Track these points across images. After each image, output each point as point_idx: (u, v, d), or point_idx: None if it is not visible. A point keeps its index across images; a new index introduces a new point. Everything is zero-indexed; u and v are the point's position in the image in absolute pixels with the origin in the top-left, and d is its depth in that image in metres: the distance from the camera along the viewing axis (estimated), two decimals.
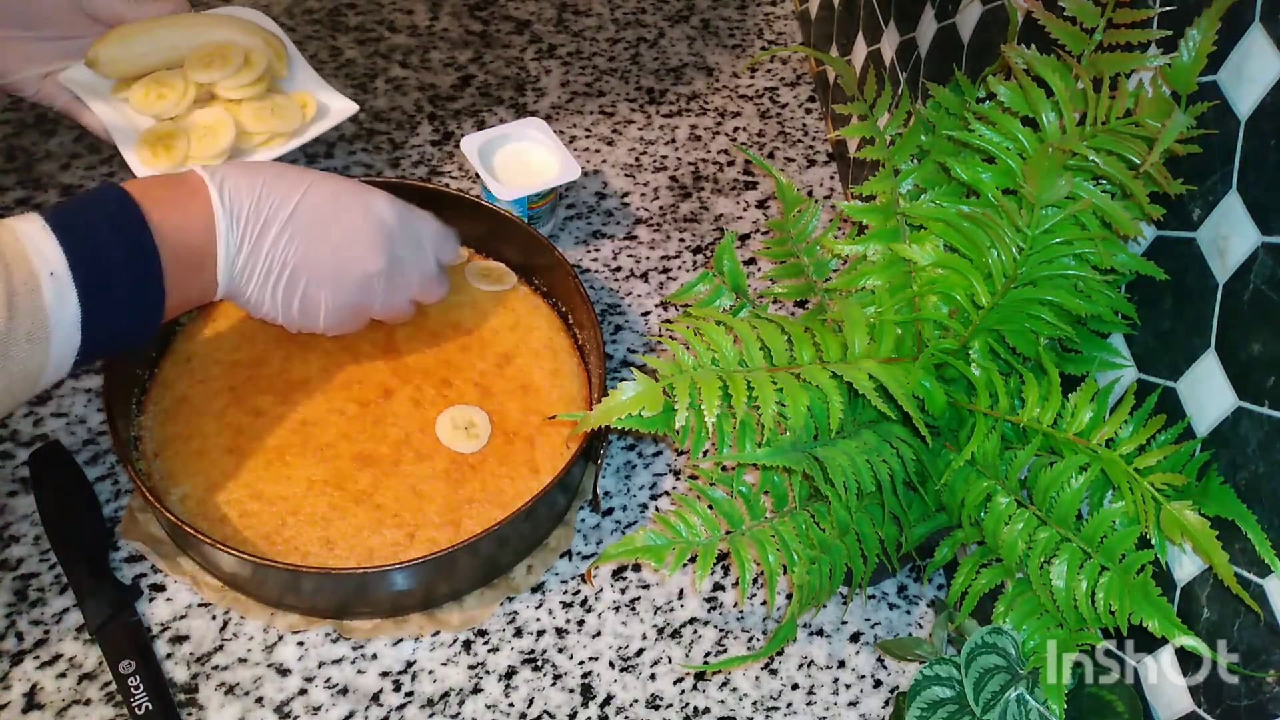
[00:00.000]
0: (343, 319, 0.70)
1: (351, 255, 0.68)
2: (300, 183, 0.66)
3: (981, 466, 0.59)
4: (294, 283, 0.66)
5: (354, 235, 0.67)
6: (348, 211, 0.67)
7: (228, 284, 0.65)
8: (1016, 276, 0.55)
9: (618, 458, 0.80)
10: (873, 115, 0.65)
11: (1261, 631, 0.49)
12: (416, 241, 0.72)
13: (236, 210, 0.63)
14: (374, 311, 0.72)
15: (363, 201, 0.68)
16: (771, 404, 0.53)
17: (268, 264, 0.65)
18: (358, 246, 0.68)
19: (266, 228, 0.64)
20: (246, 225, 0.64)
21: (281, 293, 0.67)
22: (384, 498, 0.70)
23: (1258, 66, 0.49)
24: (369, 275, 0.69)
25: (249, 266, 0.65)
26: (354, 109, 0.87)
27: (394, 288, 0.71)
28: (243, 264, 0.65)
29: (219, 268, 0.64)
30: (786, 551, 0.60)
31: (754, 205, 0.97)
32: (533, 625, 0.71)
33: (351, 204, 0.68)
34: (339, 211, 0.67)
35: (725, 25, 1.15)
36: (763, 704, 0.69)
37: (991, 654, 0.56)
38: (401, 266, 0.71)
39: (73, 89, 0.83)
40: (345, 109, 0.88)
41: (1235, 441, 0.50)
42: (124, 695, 0.64)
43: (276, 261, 0.65)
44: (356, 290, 0.69)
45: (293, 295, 0.67)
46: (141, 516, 0.71)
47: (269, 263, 0.65)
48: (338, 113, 0.87)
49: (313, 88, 0.88)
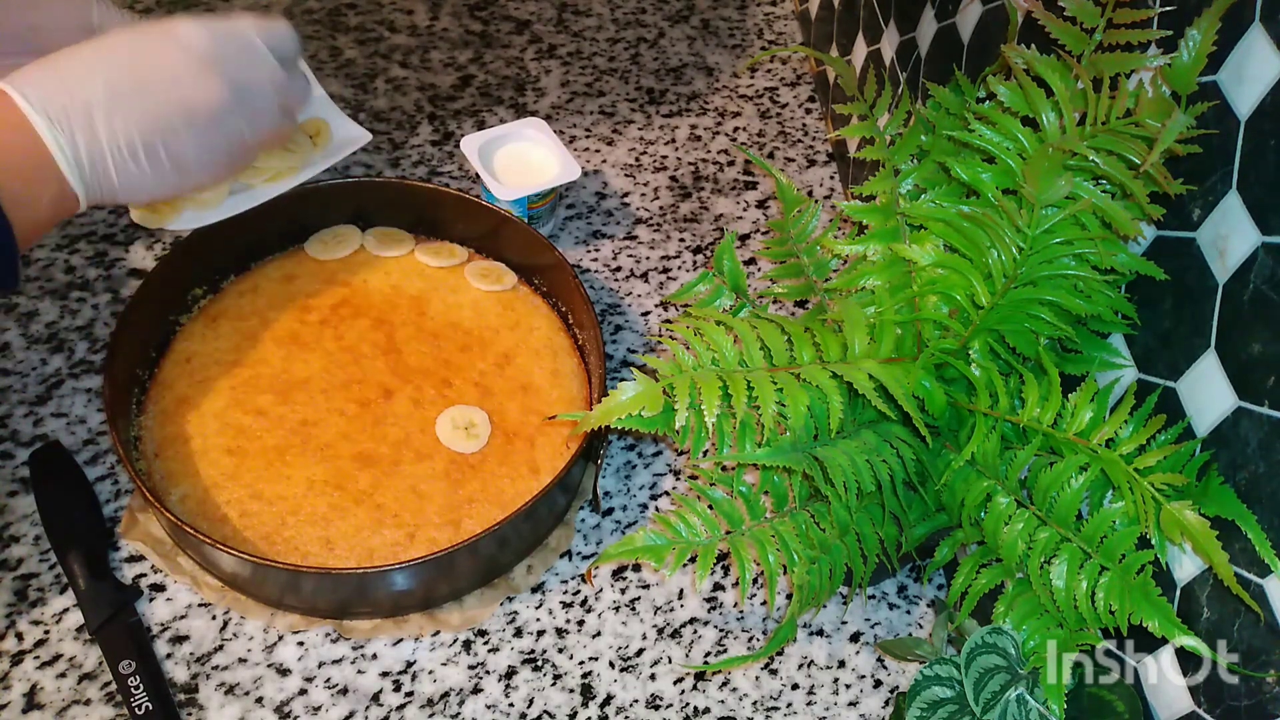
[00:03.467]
0: (220, 160, 0.66)
1: (189, 94, 0.63)
2: (100, 53, 0.62)
3: (981, 466, 0.59)
4: (152, 150, 0.63)
5: (179, 75, 0.63)
6: (159, 56, 0.63)
7: (85, 185, 0.61)
8: (1016, 276, 0.55)
9: (618, 458, 0.80)
10: (873, 115, 0.65)
11: (1261, 631, 0.49)
12: (247, 50, 0.67)
13: (51, 108, 0.60)
14: (248, 140, 0.67)
15: (168, 38, 0.64)
16: (771, 404, 0.53)
17: (113, 145, 0.61)
18: (189, 84, 0.63)
19: (90, 111, 0.60)
20: (69, 118, 0.60)
21: (148, 165, 0.63)
22: (384, 498, 0.70)
23: (1258, 66, 0.49)
24: (218, 107, 0.64)
25: (96, 157, 0.61)
26: (367, 137, 0.83)
27: (251, 107, 0.66)
28: (87, 157, 0.61)
29: (66, 173, 0.60)
30: (786, 551, 0.60)
31: (754, 205, 0.97)
32: (533, 625, 0.71)
33: (159, 47, 0.63)
34: (151, 60, 0.63)
35: (725, 25, 1.15)
36: (763, 704, 0.69)
37: (991, 654, 0.56)
38: (249, 84, 0.66)
39: None
40: (357, 138, 0.83)
41: (1235, 441, 0.50)
42: (124, 695, 0.64)
43: (121, 139, 0.61)
44: (218, 127, 0.65)
45: (159, 163, 0.63)
46: (141, 516, 0.71)
47: (113, 144, 0.61)
48: (349, 142, 0.83)
49: (325, 114, 0.86)
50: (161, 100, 0.63)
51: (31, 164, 0.60)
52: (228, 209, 0.80)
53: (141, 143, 0.62)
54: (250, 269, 0.83)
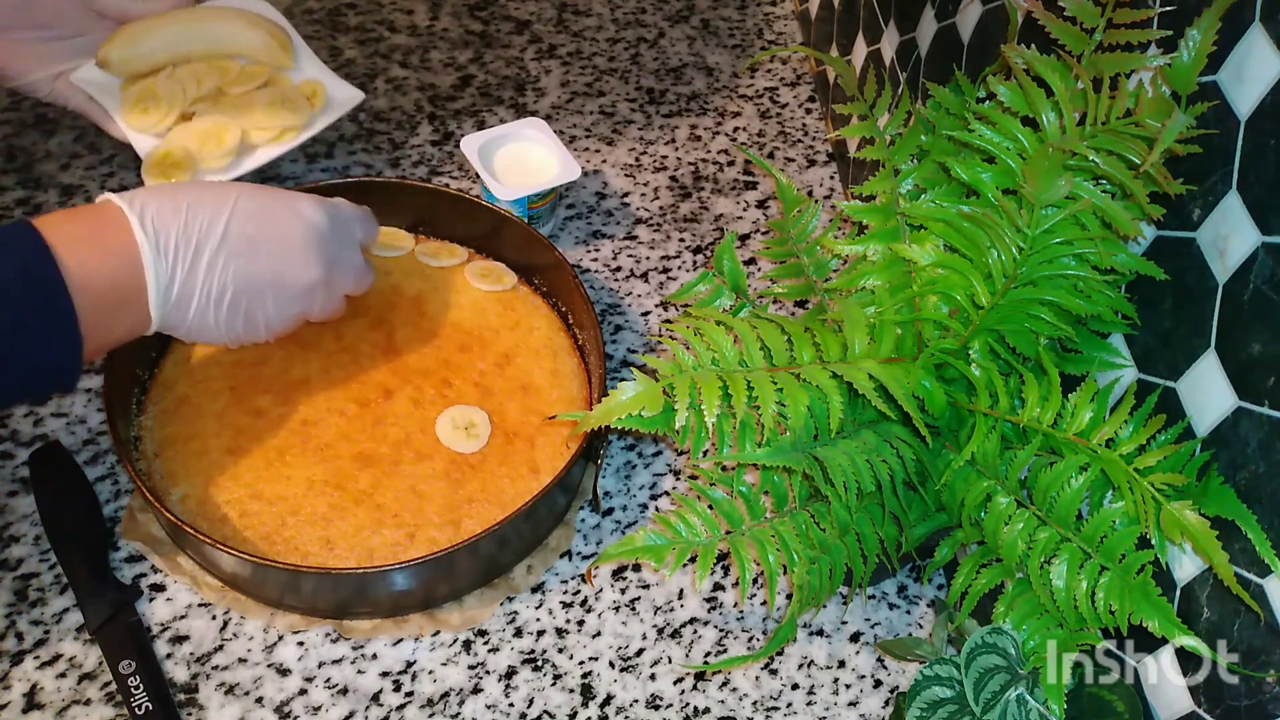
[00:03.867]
0: (285, 328, 0.69)
1: (290, 267, 0.66)
2: (226, 200, 0.64)
3: (981, 466, 0.59)
4: (236, 304, 0.64)
5: (290, 246, 0.66)
6: (279, 222, 0.65)
7: (162, 315, 0.62)
8: (1016, 276, 0.55)
9: (618, 458, 0.80)
10: (873, 115, 0.65)
11: (1261, 631, 0.49)
12: (347, 238, 0.70)
13: (163, 239, 0.61)
14: (313, 316, 0.70)
15: (292, 209, 0.66)
16: (771, 404, 0.53)
17: (205, 290, 0.63)
18: (295, 257, 0.66)
19: (199, 253, 0.62)
20: (177, 254, 0.61)
21: (225, 316, 0.65)
22: (384, 498, 0.70)
23: (1258, 66, 0.49)
24: (310, 284, 0.67)
25: (185, 295, 0.62)
26: (360, 96, 0.88)
27: (331, 290, 0.70)
28: (178, 294, 0.62)
29: (150, 301, 0.61)
30: (786, 551, 0.60)
31: (754, 205, 0.97)
32: (533, 625, 0.71)
33: (282, 214, 0.66)
34: (271, 224, 0.65)
35: (725, 25, 1.15)
36: (763, 704, 0.69)
37: (991, 654, 0.56)
38: (337, 268, 0.69)
39: (86, 89, 0.83)
40: (352, 97, 0.88)
41: (1235, 441, 0.50)
42: (124, 695, 0.64)
43: (215, 286, 0.63)
44: (299, 300, 0.68)
45: (236, 316, 0.65)
46: (141, 516, 0.71)
47: (206, 288, 0.63)
48: (345, 101, 0.88)
49: (319, 76, 0.89)
50: (265, 263, 0.65)
51: (123, 292, 0.60)
52: (234, 169, 0.83)
53: (231, 296, 0.64)
54: None
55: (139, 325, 0.62)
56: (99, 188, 0.90)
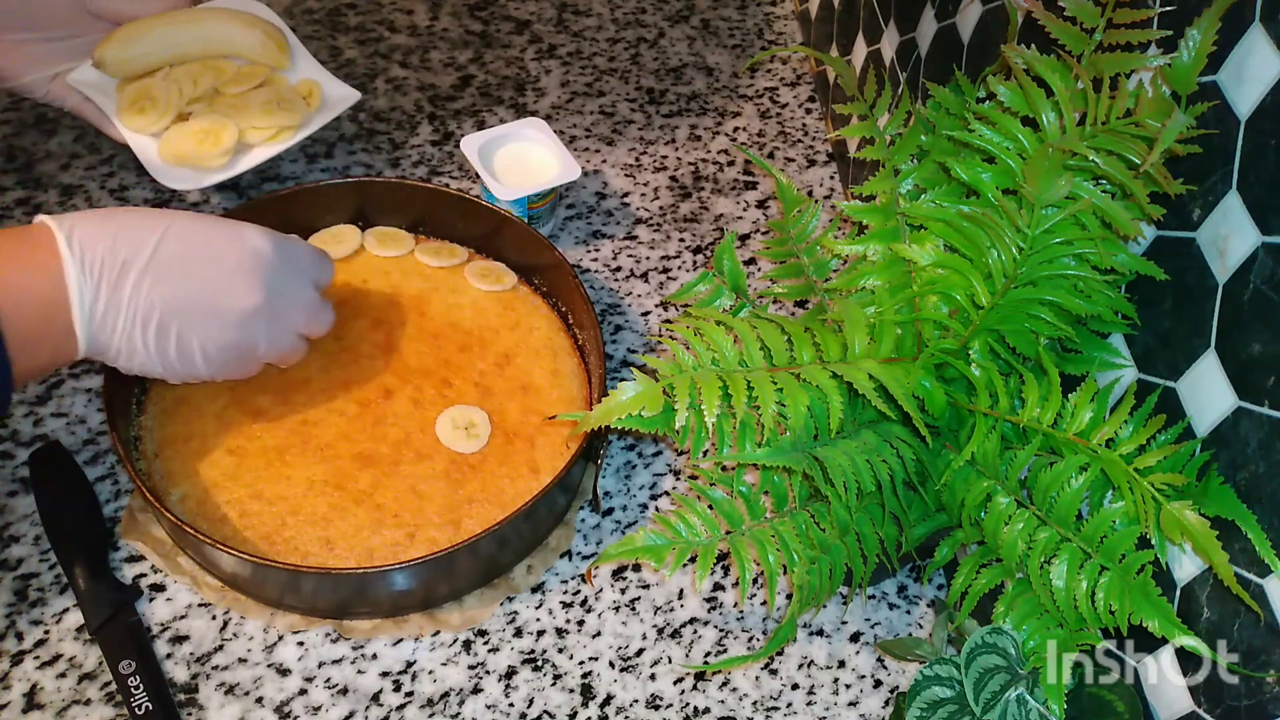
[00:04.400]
0: (226, 362, 0.65)
1: (224, 290, 0.63)
2: (159, 223, 0.62)
3: (981, 466, 0.59)
4: (164, 328, 0.62)
5: (225, 269, 0.63)
6: (215, 244, 0.63)
7: (89, 338, 0.60)
8: (1016, 276, 0.55)
9: (618, 458, 0.80)
10: (873, 115, 0.65)
11: (1261, 631, 0.49)
12: (295, 270, 0.67)
13: (89, 258, 0.59)
14: (260, 352, 0.67)
15: (231, 233, 0.64)
16: (771, 404, 0.53)
17: (131, 310, 0.60)
18: (230, 280, 0.63)
19: (125, 272, 0.60)
20: (102, 272, 0.59)
21: (153, 340, 0.62)
22: (384, 498, 0.70)
23: (1258, 66, 0.49)
24: (246, 311, 0.64)
25: (110, 316, 0.60)
26: (357, 96, 0.88)
27: (277, 323, 0.66)
28: (102, 314, 0.60)
29: (75, 320, 0.59)
30: (786, 551, 0.60)
31: (754, 205, 0.97)
32: (533, 625, 0.71)
33: (219, 236, 0.64)
34: (206, 246, 0.63)
35: (725, 25, 1.15)
36: (763, 704, 0.69)
37: (991, 654, 0.56)
38: (282, 299, 0.66)
39: (82, 90, 0.83)
40: (348, 96, 0.88)
41: (1235, 441, 0.50)
42: (124, 695, 0.64)
43: (140, 307, 0.61)
44: (236, 329, 0.64)
45: (165, 342, 0.62)
46: (141, 516, 0.71)
47: (132, 309, 0.60)
48: (341, 100, 0.88)
49: (315, 76, 0.89)
50: (196, 285, 0.62)
51: (48, 309, 0.59)
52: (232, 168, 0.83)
53: (159, 318, 0.61)
54: None
55: (66, 347, 0.60)
56: (99, 188, 0.90)
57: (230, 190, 0.92)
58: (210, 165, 0.82)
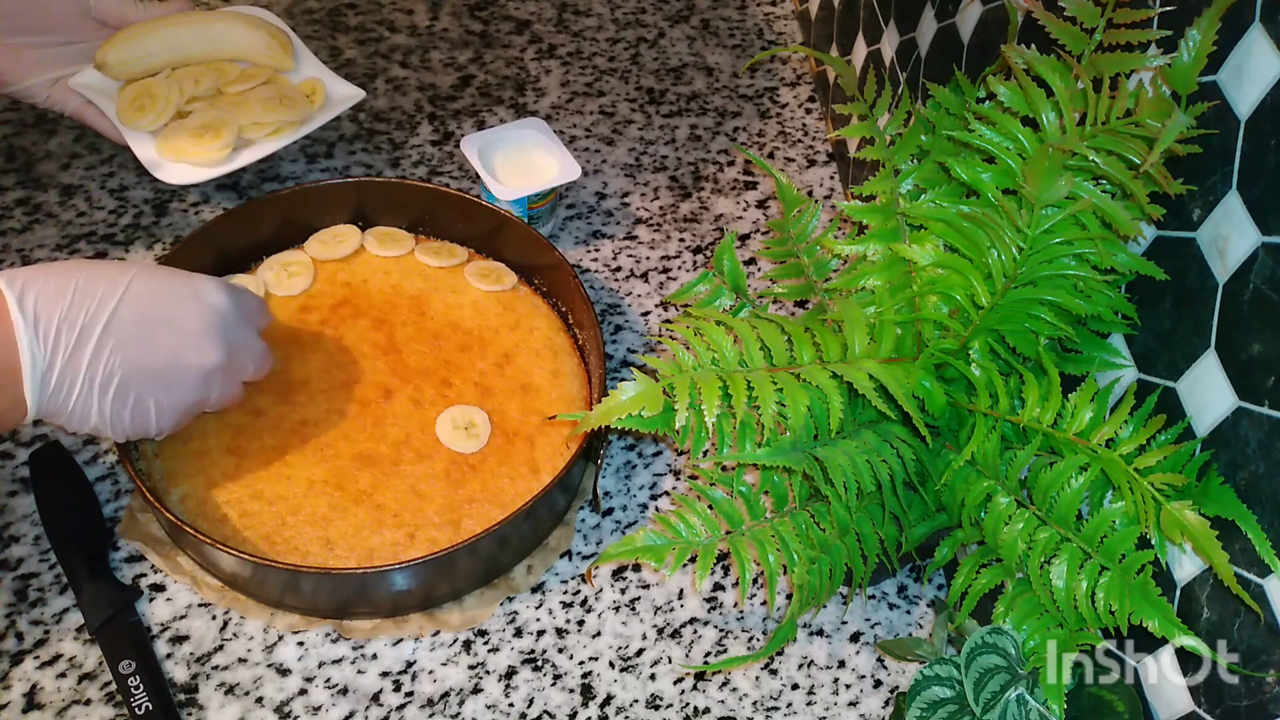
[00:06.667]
0: (178, 420, 0.65)
1: (185, 353, 0.62)
2: (118, 282, 0.60)
3: (981, 466, 0.59)
4: (123, 393, 0.60)
5: (187, 330, 0.62)
6: (176, 306, 0.62)
7: (38, 403, 0.58)
8: (1016, 276, 0.55)
9: (618, 458, 0.80)
10: (873, 115, 0.65)
11: (1261, 631, 0.49)
12: (247, 319, 0.67)
13: (43, 324, 0.57)
14: (210, 403, 0.66)
15: (192, 291, 0.63)
16: (771, 404, 0.53)
17: (89, 376, 0.59)
18: (193, 341, 0.62)
19: (84, 338, 0.58)
20: (58, 338, 0.57)
21: (110, 405, 0.60)
22: (384, 498, 0.70)
23: (1258, 66, 0.49)
24: (206, 369, 0.63)
25: (65, 382, 0.58)
26: (360, 95, 0.88)
27: (230, 375, 0.66)
28: (57, 380, 0.58)
29: (25, 386, 0.57)
30: (786, 551, 0.60)
31: (754, 205, 0.97)
32: (533, 625, 0.71)
33: (180, 296, 0.62)
34: (166, 306, 0.62)
35: (725, 25, 1.15)
36: (763, 704, 0.69)
37: (991, 654, 0.56)
38: (238, 353, 0.66)
39: (84, 93, 0.83)
40: (352, 95, 0.88)
41: (1235, 441, 0.50)
42: (124, 695, 0.64)
43: (100, 373, 0.59)
44: (194, 389, 0.64)
45: (123, 406, 0.61)
46: (141, 516, 0.71)
47: (90, 374, 0.59)
48: (345, 99, 0.88)
49: (319, 75, 0.89)
50: (159, 348, 0.61)
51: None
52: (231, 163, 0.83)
53: (118, 383, 0.60)
54: (250, 269, 0.83)
55: (13, 412, 0.58)
56: (99, 188, 0.90)
57: (230, 190, 0.92)
58: (209, 160, 0.82)
